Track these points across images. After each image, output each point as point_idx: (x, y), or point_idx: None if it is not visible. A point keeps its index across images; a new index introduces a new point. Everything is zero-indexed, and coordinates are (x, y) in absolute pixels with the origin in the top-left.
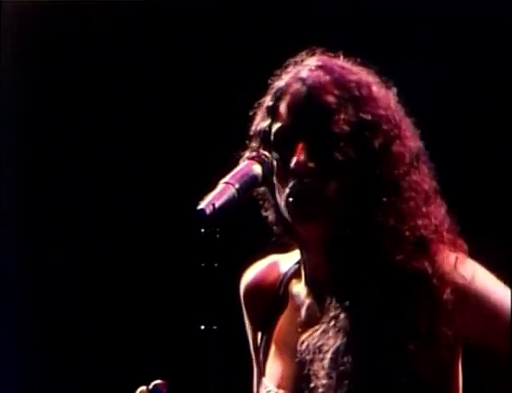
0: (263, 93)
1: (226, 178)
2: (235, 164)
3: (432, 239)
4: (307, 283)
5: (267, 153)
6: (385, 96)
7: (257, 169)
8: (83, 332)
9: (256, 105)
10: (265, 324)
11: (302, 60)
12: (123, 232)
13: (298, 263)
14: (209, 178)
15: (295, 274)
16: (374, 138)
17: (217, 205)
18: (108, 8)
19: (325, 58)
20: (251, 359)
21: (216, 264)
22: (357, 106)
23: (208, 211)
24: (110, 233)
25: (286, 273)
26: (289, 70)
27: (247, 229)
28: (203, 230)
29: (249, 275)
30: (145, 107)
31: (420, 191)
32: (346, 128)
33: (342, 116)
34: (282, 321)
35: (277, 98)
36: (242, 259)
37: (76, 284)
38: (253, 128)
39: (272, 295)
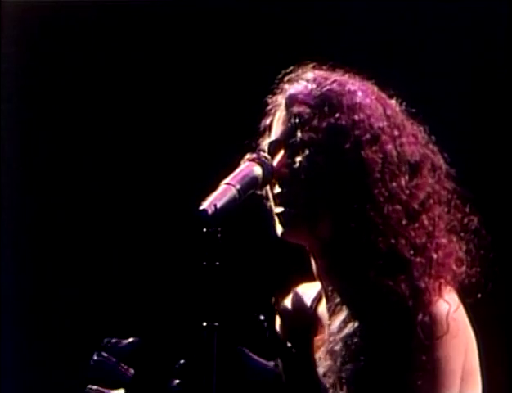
0: (265, 95)
1: (228, 179)
2: (237, 165)
3: (414, 261)
4: (327, 303)
5: (267, 155)
6: (370, 103)
7: (257, 170)
8: (84, 330)
9: (260, 128)
10: (302, 345)
11: (294, 76)
12: (125, 232)
13: None
14: (211, 179)
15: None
16: (343, 144)
17: (218, 206)
18: (108, 8)
19: (315, 71)
20: None
21: (217, 263)
22: (331, 114)
23: (209, 211)
24: (112, 233)
25: (317, 295)
26: (282, 86)
27: (247, 229)
28: (205, 230)
29: (287, 302)
30: (147, 109)
31: (404, 201)
32: (315, 135)
33: (314, 124)
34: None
35: (272, 115)
36: (242, 259)
37: (78, 284)
38: (258, 149)
39: (307, 317)
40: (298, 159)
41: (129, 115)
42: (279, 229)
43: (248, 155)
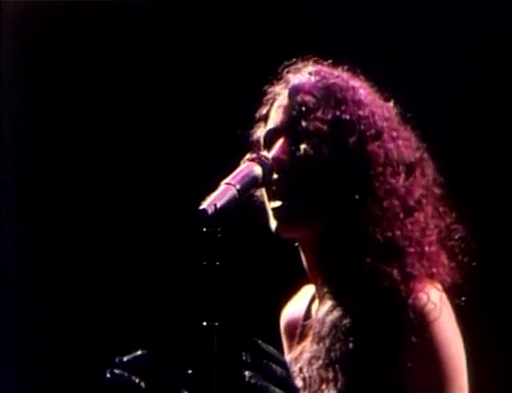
0: (263, 95)
1: (228, 179)
2: (237, 165)
3: (408, 251)
4: (316, 294)
5: (267, 155)
6: (372, 101)
7: (257, 170)
8: (86, 329)
9: (256, 116)
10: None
11: (295, 68)
12: (126, 232)
13: None
14: (211, 179)
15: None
16: (348, 137)
17: (218, 206)
18: (108, 8)
19: (317, 65)
20: None
21: (217, 263)
22: (336, 107)
23: (209, 211)
24: (113, 233)
25: (313, 296)
26: (282, 77)
27: (247, 228)
28: (205, 229)
29: (286, 309)
30: (147, 108)
31: (401, 196)
32: (321, 125)
33: (319, 115)
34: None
35: (270, 104)
36: (242, 258)
37: (79, 283)
38: (251, 138)
39: (302, 319)
40: (303, 146)
41: (129, 115)
42: (273, 224)
43: (248, 155)
